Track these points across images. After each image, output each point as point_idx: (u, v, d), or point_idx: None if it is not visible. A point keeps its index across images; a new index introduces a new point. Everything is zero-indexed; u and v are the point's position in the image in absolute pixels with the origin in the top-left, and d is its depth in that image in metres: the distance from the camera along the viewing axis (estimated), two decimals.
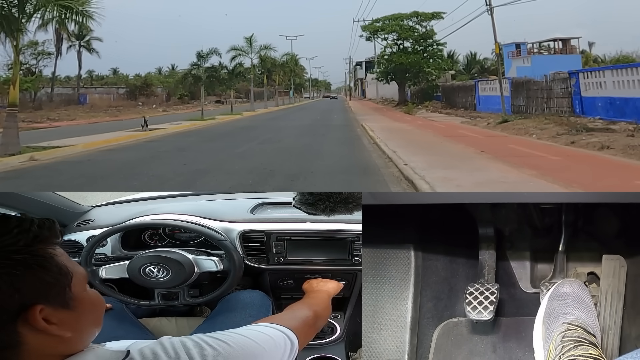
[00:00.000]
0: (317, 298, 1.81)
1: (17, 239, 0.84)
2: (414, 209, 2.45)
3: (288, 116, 25.66)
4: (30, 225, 0.87)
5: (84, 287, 0.93)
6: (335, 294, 2.01)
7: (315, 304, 1.64)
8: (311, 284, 2.06)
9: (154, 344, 0.95)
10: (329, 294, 1.94)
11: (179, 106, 39.33)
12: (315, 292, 1.94)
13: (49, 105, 34.28)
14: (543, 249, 2.57)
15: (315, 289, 1.98)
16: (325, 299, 1.84)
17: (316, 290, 1.97)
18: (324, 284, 2.05)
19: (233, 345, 1.00)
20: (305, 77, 70.34)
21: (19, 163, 8.91)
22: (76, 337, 0.90)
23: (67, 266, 0.90)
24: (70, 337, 0.88)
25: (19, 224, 0.86)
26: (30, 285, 0.83)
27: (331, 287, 2.03)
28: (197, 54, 26.26)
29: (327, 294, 1.93)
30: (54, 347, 0.87)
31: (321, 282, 2.08)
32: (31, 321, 0.82)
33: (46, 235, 0.88)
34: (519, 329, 2.35)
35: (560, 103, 17.28)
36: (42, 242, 0.87)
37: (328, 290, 1.98)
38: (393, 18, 33.98)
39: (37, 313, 0.82)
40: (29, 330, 0.83)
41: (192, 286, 2.35)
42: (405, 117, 22.55)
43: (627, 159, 8.13)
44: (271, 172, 7.52)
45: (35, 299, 0.83)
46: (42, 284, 0.85)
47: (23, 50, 31.62)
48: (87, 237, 2.51)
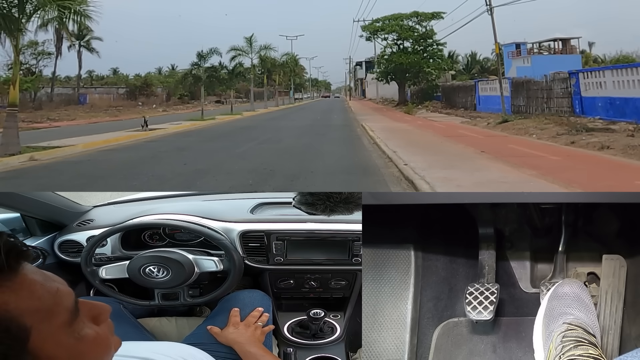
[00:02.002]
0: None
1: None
2: (414, 209, 2.45)
3: (288, 116, 25.65)
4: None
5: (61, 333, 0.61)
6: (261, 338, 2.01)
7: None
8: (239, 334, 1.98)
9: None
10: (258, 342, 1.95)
11: (179, 106, 39.32)
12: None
13: (49, 105, 34.27)
14: (543, 249, 2.57)
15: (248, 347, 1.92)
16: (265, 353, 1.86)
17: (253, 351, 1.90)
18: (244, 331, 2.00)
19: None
20: (305, 77, 70.40)
21: (19, 163, 8.91)
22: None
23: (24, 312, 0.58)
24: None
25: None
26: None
27: (252, 335, 1.99)
28: (197, 54, 26.27)
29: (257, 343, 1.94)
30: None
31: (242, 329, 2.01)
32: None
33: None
34: (519, 329, 2.34)
35: (560, 103, 17.27)
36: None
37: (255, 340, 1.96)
38: (393, 18, 33.97)
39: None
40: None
41: (192, 286, 2.35)
42: (405, 117, 22.54)
43: (627, 159, 8.13)
44: (271, 172, 7.52)
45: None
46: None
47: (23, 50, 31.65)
48: (87, 237, 2.52)
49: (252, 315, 2.10)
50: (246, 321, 2.05)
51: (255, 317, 2.09)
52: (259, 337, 2.00)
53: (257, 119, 23.50)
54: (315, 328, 2.43)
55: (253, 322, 2.06)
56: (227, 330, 1.99)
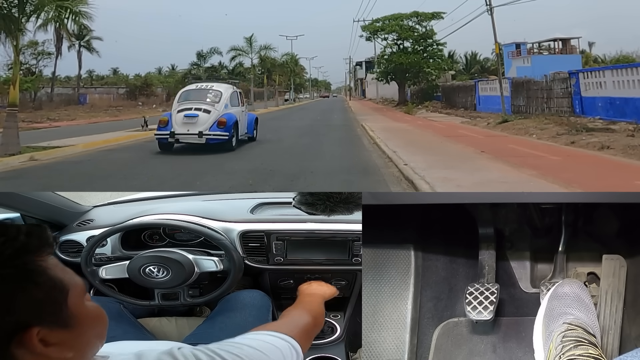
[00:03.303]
0: (312, 303, 1.79)
1: (0, 250, 0.74)
2: (414, 209, 2.45)
3: (288, 116, 25.64)
4: (17, 234, 0.76)
5: (83, 301, 0.84)
6: (329, 298, 2.01)
7: (312, 309, 1.62)
8: (308, 286, 2.05)
9: (163, 355, 0.93)
10: (323, 298, 1.93)
11: None
12: (311, 295, 1.92)
13: (49, 105, 34.23)
14: (543, 249, 2.57)
15: (311, 292, 1.97)
16: (320, 303, 1.83)
17: (311, 293, 1.95)
18: (318, 286, 2.05)
19: (244, 358, 1.00)
20: (305, 77, 70.41)
21: (19, 163, 8.91)
22: (78, 356, 0.83)
23: (62, 279, 0.80)
24: (72, 357, 0.80)
25: (3, 233, 0.75)
26: (21, 305, 0.74)
27: (327, 290, 2.03)
28: (197, 54, 26.37)
29: (322, 297, 1.93)
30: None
31: (317, 284, 2.07)
32: (28, 345, 0.74)
33: (35, 245, 0.78)
34: (519, 329, 2.35)
35: (560, 103, 17.27)
36: (31, 253, 0.77)
37: (323, 294, 1.98)
38: (393, 18, 33.97)
39: (34, 336, 0.74)
40: (26, 355, 0.74)
41: (192, 286, 2.35)
42: (405, 117, 22.54)
43: (627, 159, 8.13)
44: (271, 172, 7.51)
45: (29, 319, 0.75)
46: (35, 302, 0.76)
47: (23, 50, 31.66)
48: (87, 237, 2.52)
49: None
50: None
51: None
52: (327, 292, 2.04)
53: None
54: None
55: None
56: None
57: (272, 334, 1.18)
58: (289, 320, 1.46)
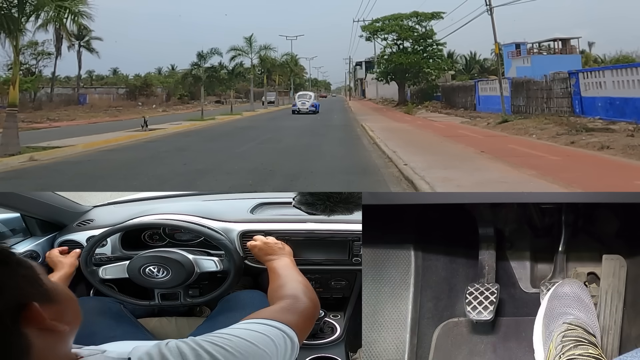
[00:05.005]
0: (296, 279, 1.57)
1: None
2: (414, 209, 2.45)
3: (288, 116, 25.65)
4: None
5: (49, 278, 0.87)
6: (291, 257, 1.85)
7: (302, 288, 1.45)
8: (265, 248, 1.87)
9: (151, 348, 0.92)
10: (293, 262, 1.77)
11: (178, 106, 39.28)
12: (286, 268, 1.70)
13: (48, 105, 34.24)
14: (543, 249, 2.57)
15: (285, 263, 1.74)
16: (301, 274, 1.63)
17: (286, 264, 1.73)
18: (279, 249, 1.87)
19: (231, 351, 0.94)
20: (305, 77, 70.36)
21: (19, 163, 8.91)
22: (70, 330, 0.85)
23: (24, 259, 0.82)
24: (67, 331, 0.83)
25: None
26: (13, 284, 0.76)
27: (287, 248, 1.88)
28: (197, 54, 26.34)
29: (293, 263, 1.76)
30: (57, 345, 0.82)
31: (271, 244, 1.90)
32: (33, 320, 0.76)
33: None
34: (519, 329, 2.35)
35: (560, 103, 17.28)
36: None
37: (290, 257, 1.82)
38: (393, 18, 33.99)
39: (37, 310, 0.76)
40: (34, 331, 0.76)
41: (192, 286, 2.35)
42: (405, 117, 22.55)
43: (627, 159, 8.13)
44: (271, 172, 7.52)
45: (25, 296, 0.77)
46: (23, 280, 0.78)
47: (23, 50, 31.68)
48: (87, 237, 2.51)
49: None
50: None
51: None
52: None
53: (257, 119, 23.51)
54: (315, 328, 2.43)
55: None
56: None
57: (263, 322, 1.10)
58: (283, 305, 1.34)
